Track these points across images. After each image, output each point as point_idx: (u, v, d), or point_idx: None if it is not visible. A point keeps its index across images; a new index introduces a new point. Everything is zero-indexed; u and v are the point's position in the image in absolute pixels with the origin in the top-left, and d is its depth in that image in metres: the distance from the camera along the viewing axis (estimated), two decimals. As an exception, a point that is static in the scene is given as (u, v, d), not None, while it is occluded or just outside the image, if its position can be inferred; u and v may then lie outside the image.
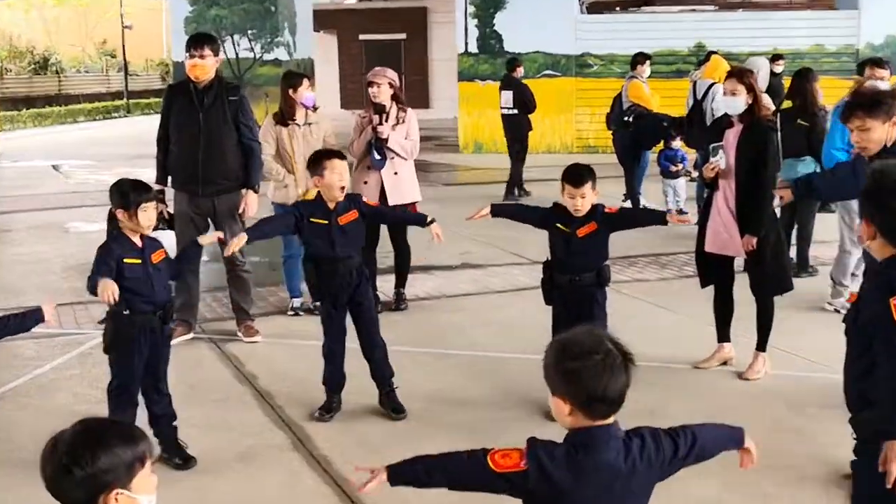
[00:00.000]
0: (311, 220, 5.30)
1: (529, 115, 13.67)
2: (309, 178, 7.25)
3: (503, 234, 10.54)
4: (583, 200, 5.18)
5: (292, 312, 7.59)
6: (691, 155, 12.97)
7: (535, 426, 5.18)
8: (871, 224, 2.95)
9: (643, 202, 11.71)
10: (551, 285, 5.44)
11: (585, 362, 2.40)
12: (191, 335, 6.92)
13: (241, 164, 6.78)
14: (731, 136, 5.86)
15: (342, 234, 5.31)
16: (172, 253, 5.22)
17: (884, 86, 5.99)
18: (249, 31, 19.87)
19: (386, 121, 7.38)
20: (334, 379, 5.50)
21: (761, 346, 6.04)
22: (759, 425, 5.22)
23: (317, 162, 5.39)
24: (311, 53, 21.44)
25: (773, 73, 14.62)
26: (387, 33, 30.51)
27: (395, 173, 7.47)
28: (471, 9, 19.67)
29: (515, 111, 13.58)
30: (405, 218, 5.67)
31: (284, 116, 7.38)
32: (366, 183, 7.36)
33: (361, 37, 30.88)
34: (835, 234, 7.63)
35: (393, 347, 5.76)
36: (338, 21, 31.04)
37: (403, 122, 7.46)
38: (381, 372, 5.51)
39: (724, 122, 6.03)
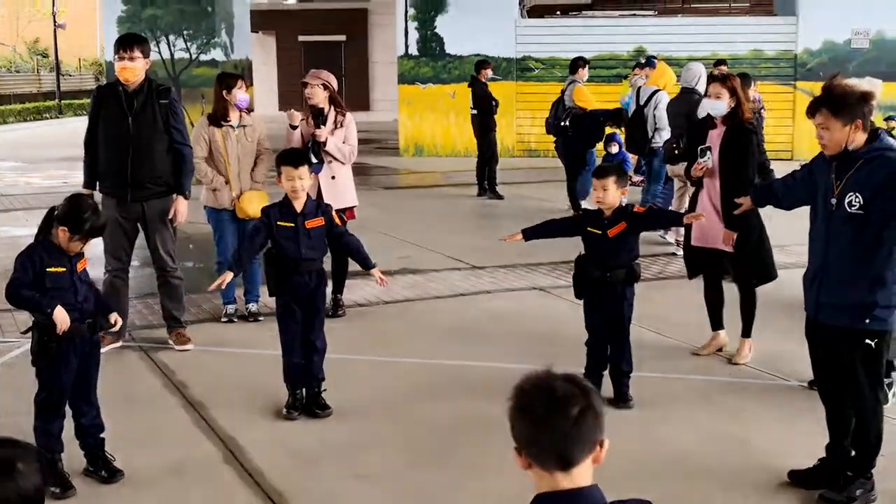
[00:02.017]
0: (279, 223, 5.38)
1: (491, 117, 13.86)
2: (241, 181, 7.24)
3: (443, 240, 10.47)
4: (605, 193, 5.42)
5: (226, 319, 7.38)
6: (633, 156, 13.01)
7: (478, 438, 5.08)
8: None
9: (584, 205, 11.63)
10: (583, 280, 5.58)
11: None
12: (120, 343, 6.68)
13: (171, 169, 6.57)
14: (715, 137, 6.23)
15: (308, 237, 5.39)
16: (99, 260, 5.06)
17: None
18: (185, 32, 19.48)
19: (324, 124, 7.24)
20: (295, 372, 5.48)
21: (747, 332, 6.32)
22: (696, 433, 5.20)
23: (277, 164, 5.50)
24: (248, 54, 21.11)
25: (714, 79, 14.75)
26: (326, 35, 30.25)
27: (333, 177, 7.34)
28: (411, 11, 19.54)
29: (475, 112, 13.92)
30: (357, 252, 5.63)
31: (218, 118, 7.21)
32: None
33: (301, 38, 30.57)
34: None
35: (330, 356, 5.66)
36: (277, 22, 30.69)
37: (342, 125, 7.32)
38: (315, 373, 5.51)
39: (708, 123, 6.35)
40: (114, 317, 4.73)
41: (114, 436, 4.87)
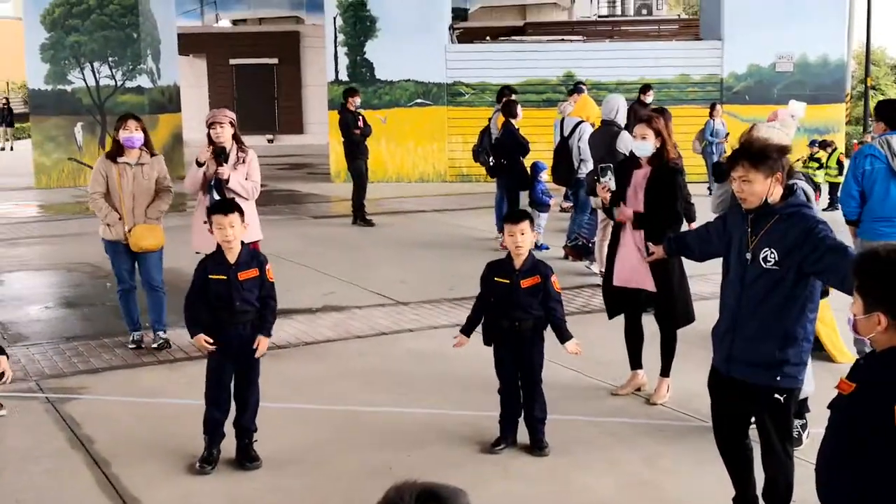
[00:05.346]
0: (211, 276, 5.27)
1: (358, 145, 13.86)
2: (135, 216, 7.32)
3: (369, 274, 10.37)
4: (522, 237, 5.38)
5: (133, 346, 7.54)
6: (558, 189, 13.04)
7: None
8: (885, 313, 2.73)
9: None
10: (492, 329, 5.53)
11: None
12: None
13: None
14: (640, 176, 6.24)
15: (241, 289, 5.27)
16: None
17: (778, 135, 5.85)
18: (110, 59, 19.17)
19: (226, 161, 7.26)
20: (216, 426, 5.33)
21: (665, 372, 6.35)
22: (611, 480, 5.15)
23: (209, 215, 5.43)
24: (176, 80, 20.84)
25: (643, 104, 14.90)
26: (258, 58, 30.02)
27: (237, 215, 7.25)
28: (340, 37, 19.46)
29: (343, 140, 14.04)
30: (268, 312, 5.43)
31: (114, 155, 7.37)
32: (206, 223, 7.11)
33: (232, 61, 30.28)
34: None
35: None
36: (207, 45, 30.37)
37: (244, 162, 7.38)
38: (248, 424, 5.38)
39: (634, 162, 6.36)
40: None
41: (8, 498, 4.67)
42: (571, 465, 5.37)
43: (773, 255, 4.14)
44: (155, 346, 7.48)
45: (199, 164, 7.29)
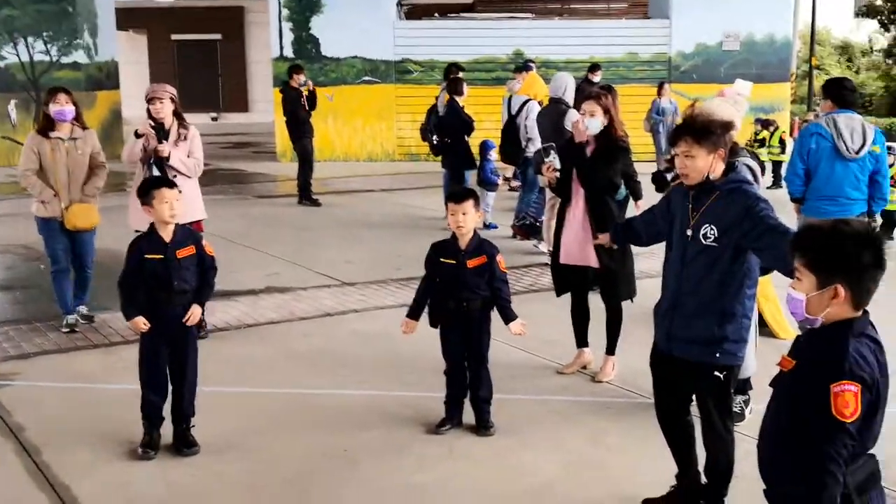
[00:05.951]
0: (147, 256, 5.08)
1: (301, 124, 13.67)
2: (72, 192, 7.19)
3: (315, 254, 10.20)
4: (465, 217, 5.26)
5: (67, 329, 7.33)
6: (508, 171, 12.97)
7: (340, 477, 4.86)
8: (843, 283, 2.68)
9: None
10: (439, 309, 5.41)
11: None
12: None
13: None
14: (587, 153, 6.18)
15: (179, 268, 5.11)
16: None
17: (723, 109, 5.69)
18: (45, 33, 18.66)
19: (166, 139, 7.03)
20: (155, 409, 5.18)
21: (611, 350, 6.34)
22: (555, 459, 5.09)
23: (146, 191, 5.18)
24: (114, 55, 20.36)
25: (590, 83, 14.84)
26: (201, 33, 29.47)
27: (179, 192, 7.01)
28: (285, 12, 19.13)
29: (286, 119, 13.79)
30: (206, 284, 5.24)
31: (45, 130, 7.19)
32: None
33: (174, 37, 29.71)
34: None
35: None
36: (148, 20, 29.76)
37: (185, 139, 7.15)
38: (186, 409, 5.24)
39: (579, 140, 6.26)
40: None
41: (-67, 491, 4.48)
42: (517, 444, 5.30)
43: (712, 232, 4.14)
44: (82, 319, 7.49)
45: (138, 136, 7.07)
